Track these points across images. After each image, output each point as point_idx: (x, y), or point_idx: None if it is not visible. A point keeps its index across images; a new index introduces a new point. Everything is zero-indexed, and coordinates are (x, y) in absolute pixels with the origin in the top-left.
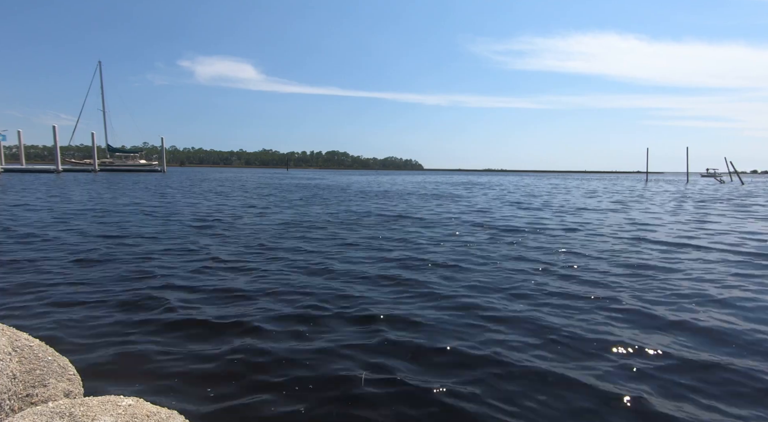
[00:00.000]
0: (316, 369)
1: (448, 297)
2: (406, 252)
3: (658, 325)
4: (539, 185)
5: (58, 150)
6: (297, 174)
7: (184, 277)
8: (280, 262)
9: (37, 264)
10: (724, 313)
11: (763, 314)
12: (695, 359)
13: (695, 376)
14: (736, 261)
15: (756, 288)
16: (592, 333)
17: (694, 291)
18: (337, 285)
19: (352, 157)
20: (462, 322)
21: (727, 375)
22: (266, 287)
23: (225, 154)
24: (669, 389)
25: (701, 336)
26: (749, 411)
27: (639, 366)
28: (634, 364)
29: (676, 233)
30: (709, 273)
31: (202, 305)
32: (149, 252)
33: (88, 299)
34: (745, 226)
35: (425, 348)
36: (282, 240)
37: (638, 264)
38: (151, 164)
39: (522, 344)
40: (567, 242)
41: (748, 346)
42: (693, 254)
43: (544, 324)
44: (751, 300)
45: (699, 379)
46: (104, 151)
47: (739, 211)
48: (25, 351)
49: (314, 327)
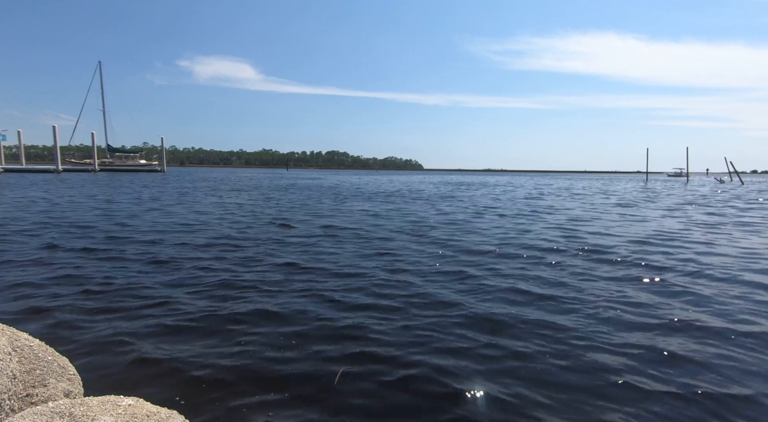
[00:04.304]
0: (317, 367)
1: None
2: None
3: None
4: (575, 186)
5: (58, 150)
6: (302, 174)
7: (185, 277)
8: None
9: (36, 262)
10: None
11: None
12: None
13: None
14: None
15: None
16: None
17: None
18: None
19: (352, 157)
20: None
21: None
22: (261, 281)
23: (225, 154)
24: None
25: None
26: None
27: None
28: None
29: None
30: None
31: (203, 305)
32: (149, 253)
33: (89, 298)
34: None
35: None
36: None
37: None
38: (151, 164)
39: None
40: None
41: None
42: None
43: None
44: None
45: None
46: (104, 151)
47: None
48: (25, 351)
49: (301, 320)
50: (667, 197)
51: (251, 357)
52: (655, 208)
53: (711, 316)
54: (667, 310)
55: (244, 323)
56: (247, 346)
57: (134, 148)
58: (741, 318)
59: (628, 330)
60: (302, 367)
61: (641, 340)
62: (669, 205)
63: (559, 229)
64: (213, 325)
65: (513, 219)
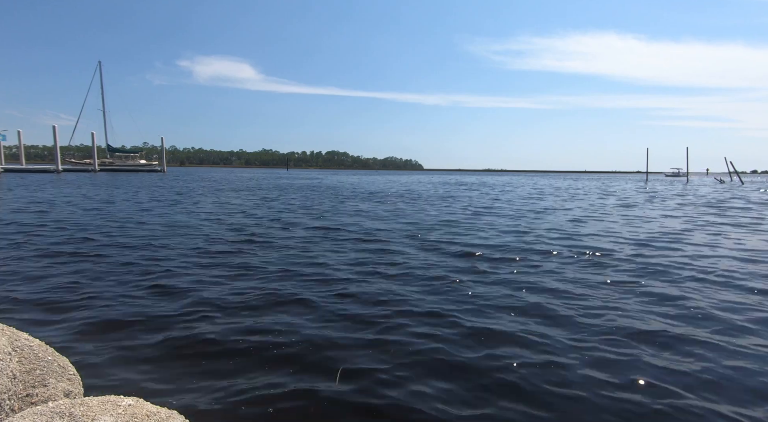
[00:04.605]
0: (318, 367)
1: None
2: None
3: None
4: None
5: (58, 150)
6: (301, 174)
7: (186, 276)
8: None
9: (37, 262)
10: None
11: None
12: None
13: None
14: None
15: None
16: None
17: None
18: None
19: (352, 157)
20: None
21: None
22: (269, 278)
23: (225, 154)
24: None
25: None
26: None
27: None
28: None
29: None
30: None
31: (203, 304)
32: (150, 253)
33: (89, 299)
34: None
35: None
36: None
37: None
38: (151, 164)
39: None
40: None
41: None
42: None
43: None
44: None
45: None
46: (104, 151)
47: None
48: (25, 351)
49: (308, 317)
50: (667, 197)
51: (251, 357)
52: (654, 208)
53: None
54: (671, 319)
55: (245, 323)
56: (248, 346)
57: (134, 148)
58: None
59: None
60: (301, 367)
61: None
62: (669, 205)
63: (558, 231)
64: (213, 324)
65: (512, 220)
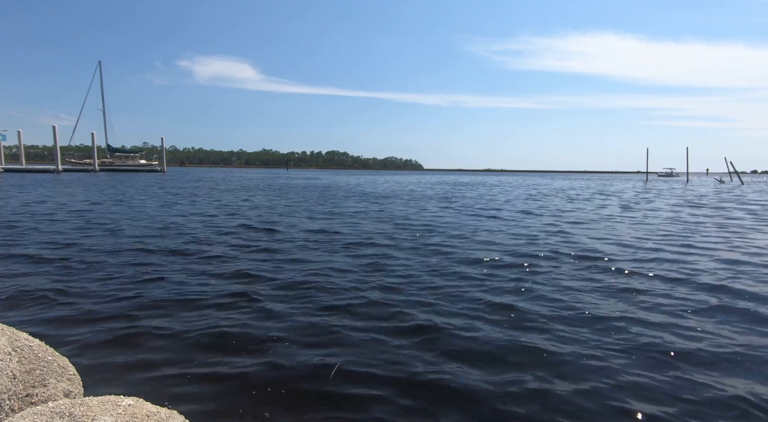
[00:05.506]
0: (314, 367)
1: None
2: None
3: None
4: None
5: (58, 150)
6: (301, 174)
7: (186, 276)
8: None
9: (37, 262)
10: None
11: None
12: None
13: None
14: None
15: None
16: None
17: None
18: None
19: (352, 157)
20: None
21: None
22: (271, 281)
23: (225, 154)
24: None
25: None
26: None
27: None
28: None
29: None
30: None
31: (203, 305)
32: (150, 253)
33: (89, 298)
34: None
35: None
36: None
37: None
38: (151, 164)
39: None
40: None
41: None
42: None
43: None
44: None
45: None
46: (104, 151)
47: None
48: (25, 351)
49: (298, 319)
50: (667, 197)
51: (251, 357)
52: (653, 208)
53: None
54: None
55: (245, 324)
56: (248, 346)
57: (134, 148)
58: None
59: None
60: (299, 367)
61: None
62: (669, 205)
63: (558, 234)
64: (213, 325)
65: (511, 220)
